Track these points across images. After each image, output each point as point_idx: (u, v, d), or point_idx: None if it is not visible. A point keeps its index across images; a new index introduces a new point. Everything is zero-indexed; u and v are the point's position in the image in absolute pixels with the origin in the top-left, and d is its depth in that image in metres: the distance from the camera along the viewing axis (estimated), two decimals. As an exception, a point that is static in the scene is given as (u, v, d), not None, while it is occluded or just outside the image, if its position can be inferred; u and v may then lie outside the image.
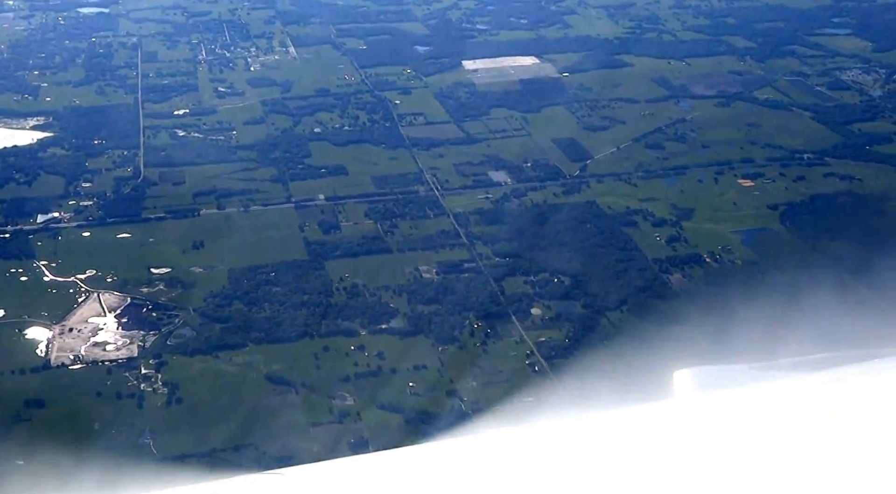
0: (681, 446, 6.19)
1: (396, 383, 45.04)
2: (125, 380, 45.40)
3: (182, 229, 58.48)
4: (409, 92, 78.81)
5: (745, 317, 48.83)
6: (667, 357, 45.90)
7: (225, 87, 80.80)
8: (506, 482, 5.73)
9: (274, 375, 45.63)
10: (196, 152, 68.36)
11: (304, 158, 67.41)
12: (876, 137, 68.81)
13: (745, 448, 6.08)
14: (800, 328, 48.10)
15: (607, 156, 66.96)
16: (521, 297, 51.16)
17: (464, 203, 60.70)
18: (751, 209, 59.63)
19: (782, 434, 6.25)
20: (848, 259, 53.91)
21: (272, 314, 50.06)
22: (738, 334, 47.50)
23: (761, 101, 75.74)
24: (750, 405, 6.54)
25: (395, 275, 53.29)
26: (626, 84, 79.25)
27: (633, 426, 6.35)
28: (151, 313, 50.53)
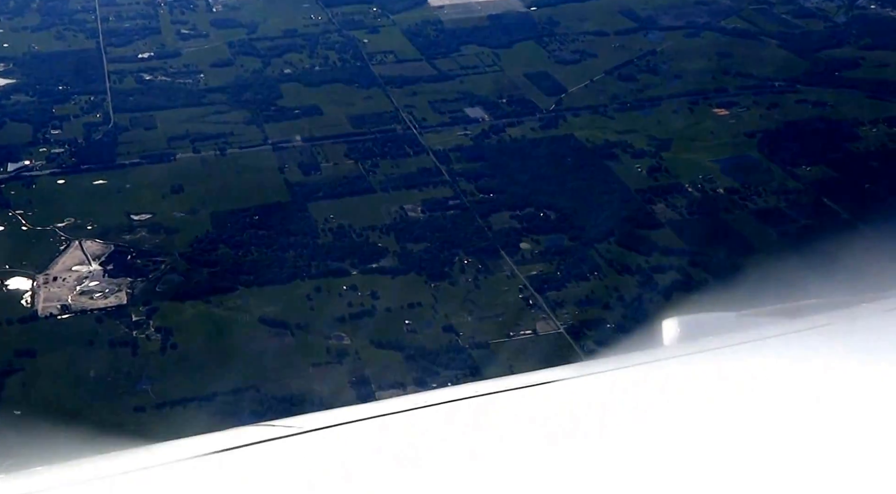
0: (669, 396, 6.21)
1: (392, 321, 45.11)
2: (116, 328, 44.95)
3: (159, 174, 57.62)
4: (377, 30, 77.79)
5: (732, 244, 49.55)
6: (658, 287, 46.61)
7: (188, 29, 79.11)
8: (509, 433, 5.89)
9: (267, 317, 45.44)
10: (165, 96, 67.11)
11: (276, 99, 66.48)
12: (843, 62, 69.36)
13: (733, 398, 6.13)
14: (785, 253, 49.04)
15: (581, 89, 66.87)
16: (508, 232, 51.28)
17: (443, 140, 60.41)
18: (727, 138, 60.03)
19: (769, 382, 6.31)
20: (827, 183, 54.73)
21: (260, 256, 49.74)
22: (726, 262, 48.30)
23: (729, 30, 75.87)
24: (737, 352, 6.66)
25: (380, 214, 53.08)
26: (593, 17, 78.83)
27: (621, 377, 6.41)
28: (136, 259, 49.92)
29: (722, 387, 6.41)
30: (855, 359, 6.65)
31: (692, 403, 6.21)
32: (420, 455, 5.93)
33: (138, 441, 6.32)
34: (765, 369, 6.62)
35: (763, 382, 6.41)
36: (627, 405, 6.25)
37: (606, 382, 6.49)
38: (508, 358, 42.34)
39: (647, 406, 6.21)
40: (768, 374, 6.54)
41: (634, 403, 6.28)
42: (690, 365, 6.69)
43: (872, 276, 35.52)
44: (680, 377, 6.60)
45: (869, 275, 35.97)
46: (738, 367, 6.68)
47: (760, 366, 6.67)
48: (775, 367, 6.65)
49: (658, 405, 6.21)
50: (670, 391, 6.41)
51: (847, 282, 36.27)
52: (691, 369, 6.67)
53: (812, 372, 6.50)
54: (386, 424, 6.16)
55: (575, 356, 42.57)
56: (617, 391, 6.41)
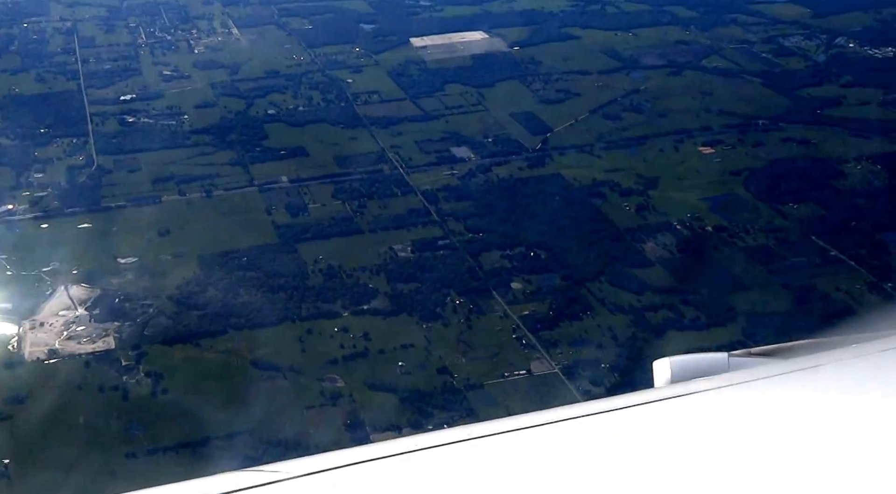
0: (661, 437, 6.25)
1: (385, 363, 44.67)
2: (105, 373, 44.22)
3: (145, 217, 57.12)
4: (360, 71, 77.95)
5: (723, 283, 49.57)
6: (650, 325, 46.48)
7: (170, 70, 78.99)
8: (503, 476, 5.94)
9: (259, 360, 44.90)
10: (149, 138, 66.76)
11: (261, 140, 66.32)
12: (826, 100, 70.12)
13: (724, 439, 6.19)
14: (778, 292, 49.13)
15: (567, 128, 67.12)
16: (499, 272, 51.08)
17: (430, 180, 60.32)
18: (714, 176, 60.32)
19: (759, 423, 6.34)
20: (814, 221, 54.98)
21: (249, 299, 49.21)
22: (719, 302, 48.29)
23: (710, 69, 76.61)
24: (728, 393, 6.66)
25: (369, 255, 52.77)
26: (576, 57, 79.45)
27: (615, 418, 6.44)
28: (124, 303, 49.25)
29: (714, 430, 6.41)
30: (846, 401, 6.64)
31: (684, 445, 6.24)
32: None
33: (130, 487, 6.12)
34: (756, 411, 6.62)
35: (755, 424, 6.41)
36: (620, 448, 6.25)
37: (599, 424, 6.46)
38: (504, 399, 41.98)
39: (640, 449, 6.22)
40: (760, 416, 6.53)
41: (627, 445, 6.29)
42: (682, 407, 6.66)
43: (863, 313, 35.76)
44: (672, 419, 6.59)
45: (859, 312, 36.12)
46: (729, 409, 6.69)
47: (752, 408, 6.67)
48: (767, 409, 6.63)
49: (651, 448, 6.22)
50: (663, 434, 6.40)
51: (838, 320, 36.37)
52: (683, 411, 6.65)
53: (804, 414, 6.48)
54: (380, 468, 6.03)
55: (571, 396, 42.28)
56: (610, 434, 6.41)
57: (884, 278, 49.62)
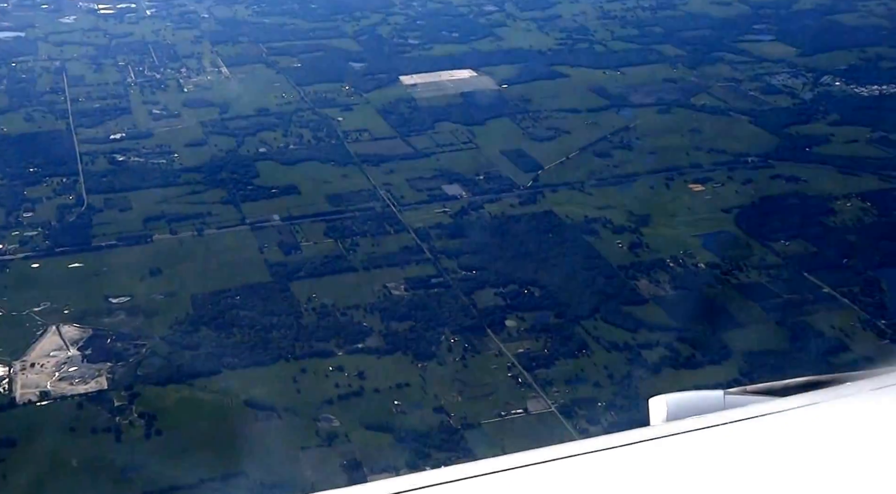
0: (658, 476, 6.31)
1: (381, 402, 44.41)
2: (98, 414, 43.81)
3: (136, 256, 56.86)
4: (350, 109, 78.17)
5: (718, 320, 49.58)
6: (646, 363, 46.41)
7: (159, 109, 78.99)
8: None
9: (253, 400, 44.56)
10: (139, 177, 66.62)
11: (252, 178, 66.28)
12: (814, 138, 70.64)
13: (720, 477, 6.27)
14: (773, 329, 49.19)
15: (557, 166, 67.36)
16: (493, 310, 51.00)
17: (422, 218, 60.33)
18: (705, 213, 60.54)
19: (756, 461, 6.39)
20: (806, 258, 55.17)
21: (243, 338, 48.93)
22: (714, 339, 48.28)
23: (699, 107, 77.14)
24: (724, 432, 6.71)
25: (363, 293, 52.61)
26: (565, 95, 79.91)
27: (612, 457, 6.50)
28: (116, 343, 48.91)
29: (710, 468, 6.42)
30: (842, 439, 6.67)
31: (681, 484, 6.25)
32: None
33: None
34: (753, 449, 6.63)
35: (751, 463, 6.42)
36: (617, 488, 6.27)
37: (596, 463, 6.48)
38: (502, 439, 41.71)
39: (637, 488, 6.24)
40: (756, 455, 6.53)
41: (624, 485, 6.30)
42: (678, 446, 6.69)
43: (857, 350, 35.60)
44: (668, 458, 6.60)
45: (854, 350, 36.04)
46: (726, 448, 6.71)
47: (748, 447, 6.67)
48: (763, 447, 6.64)
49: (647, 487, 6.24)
50: (659, 473, 6.41)
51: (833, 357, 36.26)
52: (679, 449, 6.68)
53: (800, 452, 6.51)
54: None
55: (568, 434, 42.09)
56: (607, 473, 6.43)
57: (877, 316, 49.74)
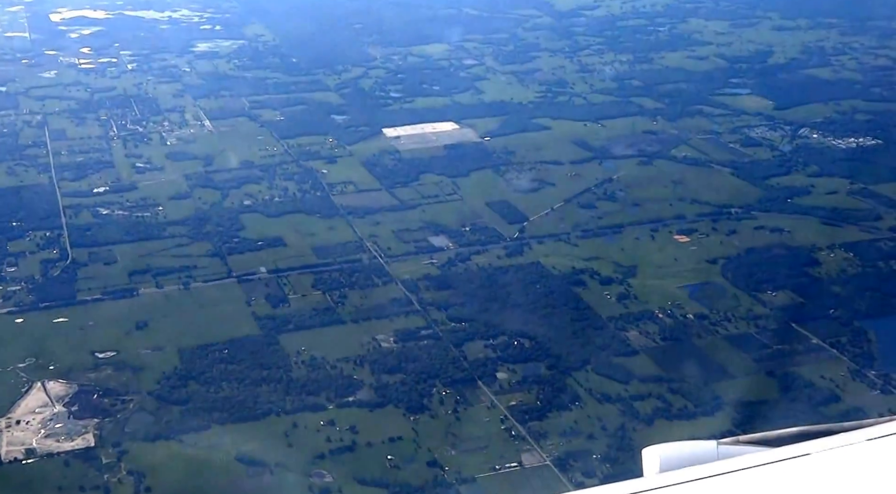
0: None
1: (373, 456, 43.98)
2: (86, 471, 43.11)
3: (122, 310, 56.36)
4: (334, 161, 78.38)
5: (708, 371, 49.65)
6: (639, 415, 46.26)
7: (143, 162, 78.88)
8: None
9: (244, 456, 44.00)
10: (123, 230, 66.29)
11: (237, 231, 66.09)
12: (795, 190, 71.42)
13: None
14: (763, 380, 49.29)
15: (542, 217, 67.65)
16: (484, 362, 50.86)
17: (410, 270, 60.28)
18: (691, 264, 60.88)
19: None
20: (793, 309, 55.46)
21: (232, 392, 48.45)
22: (705, 390, 48.28)
23: (680, 158, 77.94)
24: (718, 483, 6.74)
25: (352, 346, 52.35)
26: (547, 147, 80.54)
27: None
28: (102, 399, 48.28)
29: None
30: (836, 490, 6.69)
31: None
32: None
33: None
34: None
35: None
36: None
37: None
38: (498, 493, 41.34)
39: None
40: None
41: None
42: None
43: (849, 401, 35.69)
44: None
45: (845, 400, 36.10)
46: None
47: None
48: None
49: None
50: None
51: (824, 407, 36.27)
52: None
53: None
54: None
55: (564, 488, 41.74)
56: None
57: (866, 366, 49.95)
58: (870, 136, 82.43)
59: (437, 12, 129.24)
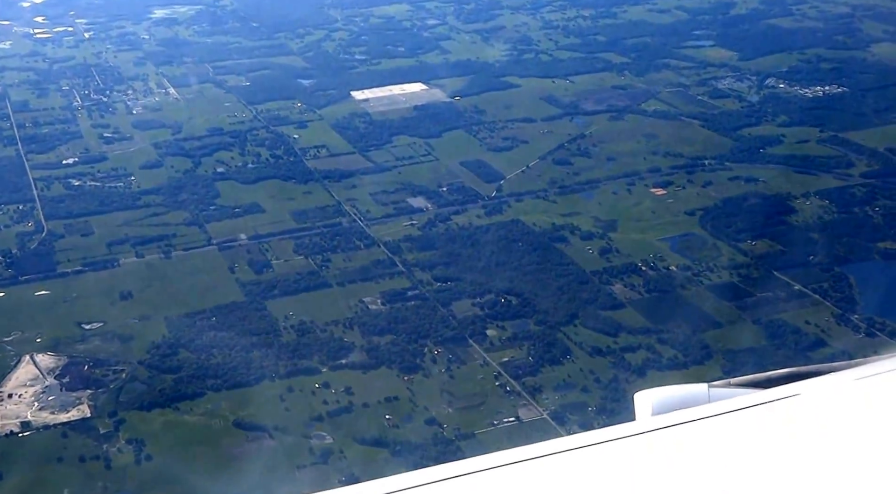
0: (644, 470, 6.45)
1: (371, 417, 44.25)
2: (84, 442, 42.97)
3: (104, 281, 55.89)
4: (305, 126, 77.83)
5: (695, 321, 50.30)
6: (631, 366, 46.86)
7: (110, 132, 77.75)
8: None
9: (242, 421, 44.08)
10: (97, 201, 65.51)
11: (213, 198, 65.57)
12: (766, 140, 72.15)
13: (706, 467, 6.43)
14: (749, 327, 50.06)
15: (518, 175, 67.84)
16: (473, 320, 51.15)
17: (391, 232, 60.28)
18: (669, 216, 61.46)
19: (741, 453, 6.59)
20: (773, 257, 56.32)
21: (224, 359, 48.35)
22: (694, 340, 48.97)
23: (650, 112, 78.36)
24: (709, 425, 6.88)
25: (340, 309, 52.40)
26: (517, 105, 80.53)
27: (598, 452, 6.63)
28: (93, 370, 48.02)
29: (696, 460, 6.56)
30: (825, 429, 6.83)
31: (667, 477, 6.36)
32: None
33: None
34: (737, 441, 6.78)
35: (736, 454, 6.59)
36: (605, 482, 6.38)
37: (583, 459, 6.58)
38: (498, 447, 41.64)
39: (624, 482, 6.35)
40: (741, 446, 6.69)
41: (611, 479, 6.40)
42: (664, 439, 6.81)
43: (835, 346, 36.32)
44: (654, 451, 6.72)
45: (832, 345, 36.70)
46: (711, 440, 6.84)
47: (733, 438, 6.83)
48: (748, 438, 6.79)
49: (634, 481, 6.35)
50: (645, 466, 6.53)
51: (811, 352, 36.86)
52: (665, 443, 6.80)
53: (783, 442, 6.67)
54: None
55: (561, 440, 42.17)
56: (594, 468, 6.52)
57: (849, 311, 50.93)
58: (835, 84, 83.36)
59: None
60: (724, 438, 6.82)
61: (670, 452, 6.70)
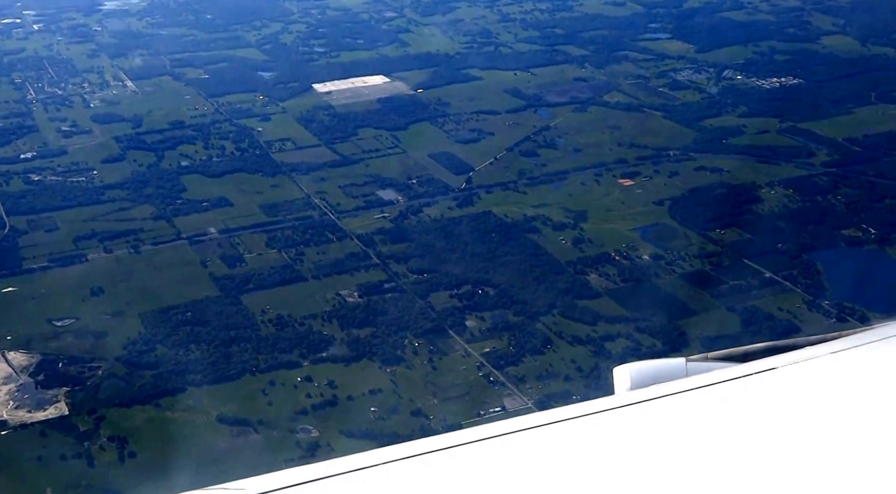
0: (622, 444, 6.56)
1: (357, 409, 44.08)
2: (64, 440, 42.21)
3: (73, 277, 54.96)
4: (268, 118, 77.18)
5: (671, 309, 50.88)
6: (611, 355, 47.27)
7: (68, 126, 76.45)
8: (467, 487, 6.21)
9: (226, 416, 43.65)
10: (60, 196, 64.37)
11: (180, 192, 64.79)
12: (728, 130, 73.06)
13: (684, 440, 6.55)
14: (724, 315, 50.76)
15: (487, 167, 67.96)
16: (451, 311, 51.16)
17: (363, 224, 60.06)
18: (639, 207, 61.98)
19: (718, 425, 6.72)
20: (743, 245, 57.13)
21: (202, 354, 47.81)
22: (671, 327, 49.54)
23: (613, 104, 78.94)
24: (687, 398, 6.98)
25: (317, 302, 52.11)
26: (481, 97, 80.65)
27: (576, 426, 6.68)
28: (68, 367, 47.21)
29: (674, 434, 6.63)
30: (802, 402, 6.95)
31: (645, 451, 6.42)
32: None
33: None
34: (715, 414, 6.88)
35: (714, 427, 6.68)
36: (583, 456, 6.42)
37: (561, 432, 6.62)
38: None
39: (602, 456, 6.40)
40: (719, 419, 6.80)
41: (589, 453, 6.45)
42: (642, 413, 6.89)
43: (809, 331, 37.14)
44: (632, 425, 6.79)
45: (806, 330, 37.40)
46: (688, 413, 6.91)
47: (710, 411, 6.92)
48: (725, 412, 6.90)
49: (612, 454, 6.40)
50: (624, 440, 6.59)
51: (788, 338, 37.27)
52: (643, 417, 6.87)
53: (761, 416, 6.77)
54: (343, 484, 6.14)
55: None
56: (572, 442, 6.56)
57: (819, 297, 51.88)
58: (791, 75, 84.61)
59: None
60: (702, 411, 6.88)
61: (648, 426, 6.73)
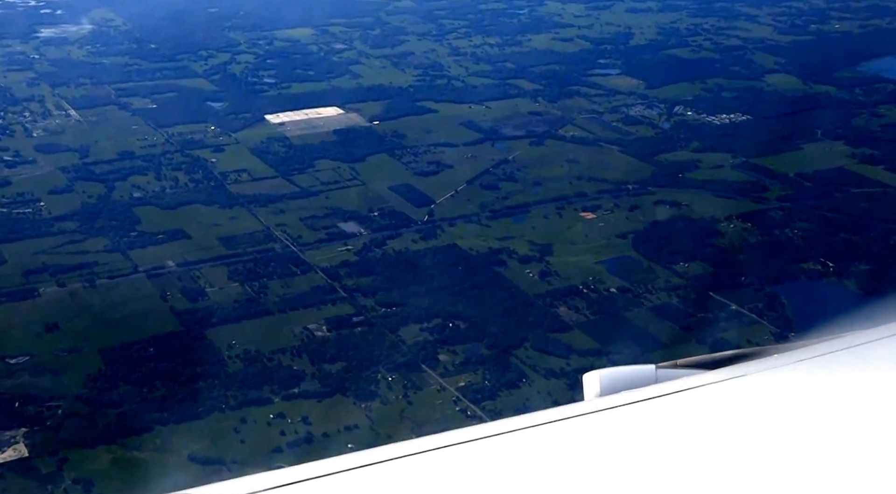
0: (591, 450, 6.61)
1: (334, 446, 42.71)
2: (25, 485, 40.25)
3: (25, 312, 52.85)
4: (221, 149, 75.72)
5: (642, 341, 50.74)
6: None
7: (10, 155, 74.15)
8: None
9: (197, 455, 42.11)
10: (6, 228, 62.19)
11: (134, 224, 62.97)
12: (683, 165, 73.71)
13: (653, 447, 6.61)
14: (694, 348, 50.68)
15: (448, 199, 67.44)
16: (423, 345, 50.30)
17: (327, 257, 58.96)
18: (602, 240, 61.94)
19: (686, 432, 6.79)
20: (707, 278, 57.31)
21: (168, 391, 46.19)
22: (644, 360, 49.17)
23: (569, 138, 79.21)
24: (655, 405, 7.07)
25: (285, 336, 50.81)
26: (437, 129, 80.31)
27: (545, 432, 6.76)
28: (25, 407, 45.12)
29: (642, 440, 6.65)
30: (770, 409, 7.00)
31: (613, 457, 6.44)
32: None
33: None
34: (683, 420, 6.91)
35: (683, 434, 6.72)
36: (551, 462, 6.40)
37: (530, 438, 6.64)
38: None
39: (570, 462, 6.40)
40: (688, 426, 6.83)
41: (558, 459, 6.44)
42: (611, 420, 6.89)
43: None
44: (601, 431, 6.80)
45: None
46: (657, 420, 6.94)
47: (679, 418, 6.94)
48: (694, 419, 6.93)
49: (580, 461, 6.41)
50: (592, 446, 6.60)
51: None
52: (612, 423, 6.88)
53: (729, 422, 6.81)
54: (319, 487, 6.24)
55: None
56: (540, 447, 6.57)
57: (785, 329, 52.15)
58: (739, 111, 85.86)
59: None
60: (672, 418, 6.88)
61: (617, 431, 6.73)
